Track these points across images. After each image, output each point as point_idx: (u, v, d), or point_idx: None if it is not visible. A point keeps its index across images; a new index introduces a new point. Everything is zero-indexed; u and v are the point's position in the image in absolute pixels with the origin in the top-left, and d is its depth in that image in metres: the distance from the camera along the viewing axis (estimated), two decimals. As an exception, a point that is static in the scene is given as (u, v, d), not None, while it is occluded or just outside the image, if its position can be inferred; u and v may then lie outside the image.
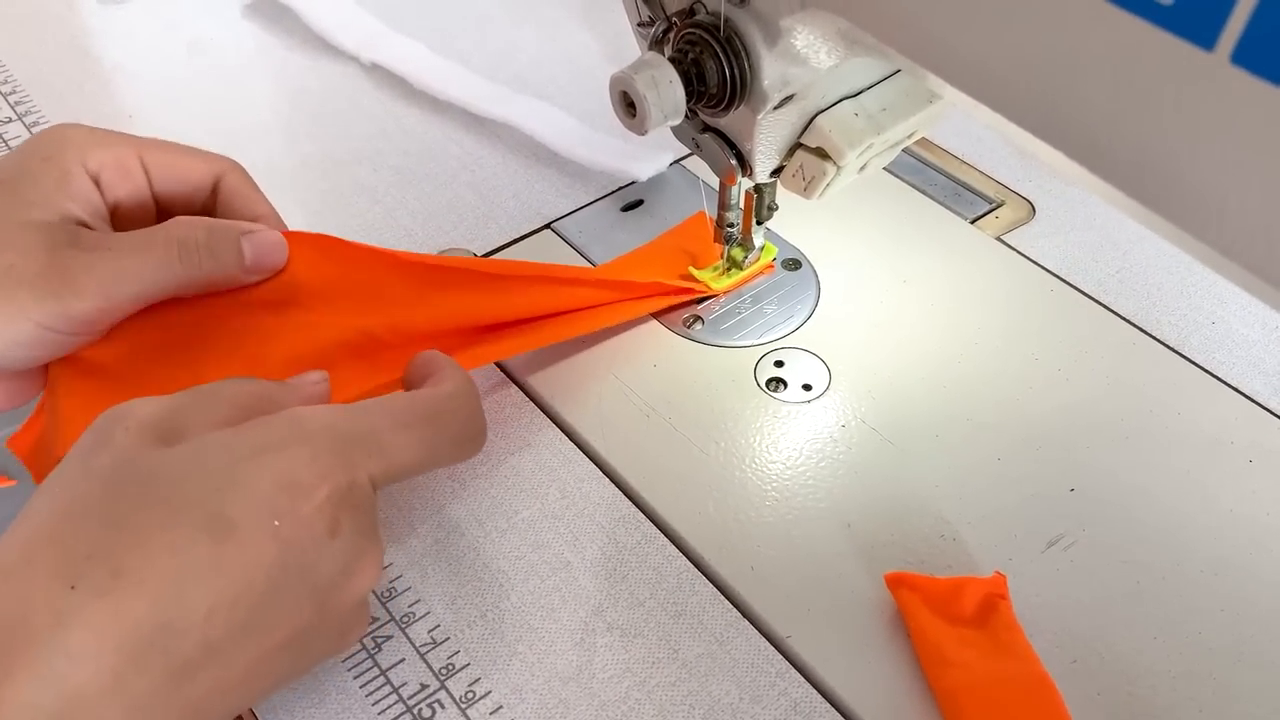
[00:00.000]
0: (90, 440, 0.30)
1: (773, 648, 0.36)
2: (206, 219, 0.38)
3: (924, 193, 0.53)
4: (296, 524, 0.29)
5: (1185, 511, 0.39)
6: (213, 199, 0.40)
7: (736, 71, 0.35)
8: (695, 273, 0.47)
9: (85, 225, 0.37)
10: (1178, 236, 0.25)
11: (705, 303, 0.47)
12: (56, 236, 0.35)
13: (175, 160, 0.40)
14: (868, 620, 0.36)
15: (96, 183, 0.38)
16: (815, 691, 0.34)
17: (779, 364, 0.44)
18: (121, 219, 0.39)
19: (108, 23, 0.64)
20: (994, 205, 0.52)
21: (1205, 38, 0.22)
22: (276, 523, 0.29)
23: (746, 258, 0.47)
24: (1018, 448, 0.41)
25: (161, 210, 0.40)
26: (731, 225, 0.45)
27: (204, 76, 0.60)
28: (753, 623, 0.36)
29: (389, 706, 0.34)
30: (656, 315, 0.46)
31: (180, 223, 0.37)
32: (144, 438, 0.30)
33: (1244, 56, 0.21)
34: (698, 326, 0.46)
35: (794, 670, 0.35)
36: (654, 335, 0.46)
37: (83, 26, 0.64)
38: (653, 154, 0.53)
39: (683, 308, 0.47)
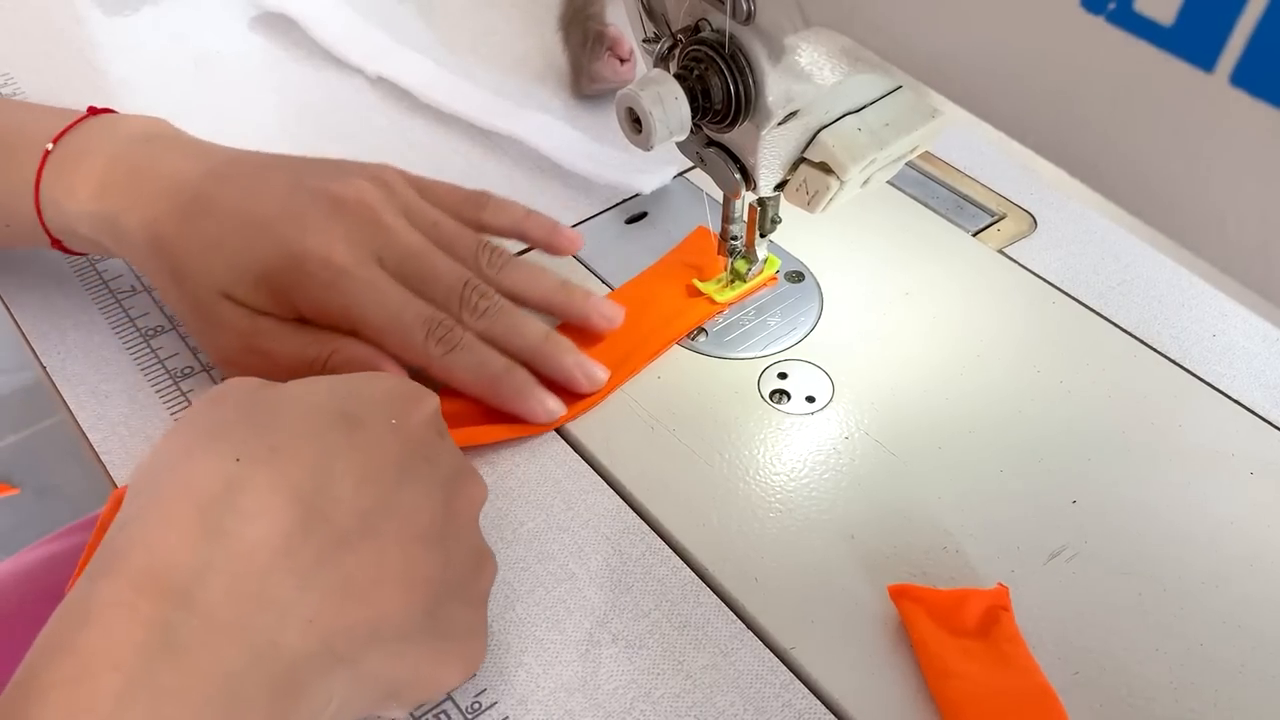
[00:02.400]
0: (208, 396, 0.33)
1: (777, 659, 0.36)
2: (356, 353, 0.41)
3: (926, 206, 0.53)
4: (410, 425, 0.32)
5: (1186, 523, 0.39)
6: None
7: (741, 88, 0.36)
8: (699, 284, 0.47)
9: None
10: (1178, 252, 0.25)
11: (712, 316, 0.47)
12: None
13: (377, 340, 0.42)
14: (871, 632, 0.36)
15: None
16: (819, 703, 0.35)
17: (782, 376, 0.45)
18: None
19: (115, 35, 0.65)
20: (996, 218, 0.53)
21: (1205, 59, 0.22)
22: (394, 421, 0.32)
23: (750, 270, 0.47)
24: (1020, 460, 0.42)
25: None
26: (735, 238, 0.46)
27: (210, 89, 0.61)
28: (757, 634, 0.36)
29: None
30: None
31: None
32: (259, 383, 0.33)
33: (1243, 77, 0.21)
34: (702, 338, 0.46)
35: (798, 682, 0.35)
36: (667, 354, 0.46)
37: (90, 39, 0.64)
38: (657, 167, 0.53)
39: (687, 320, 0.47)
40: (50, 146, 0.43)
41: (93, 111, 0.45)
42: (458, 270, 0.42)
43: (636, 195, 0.53)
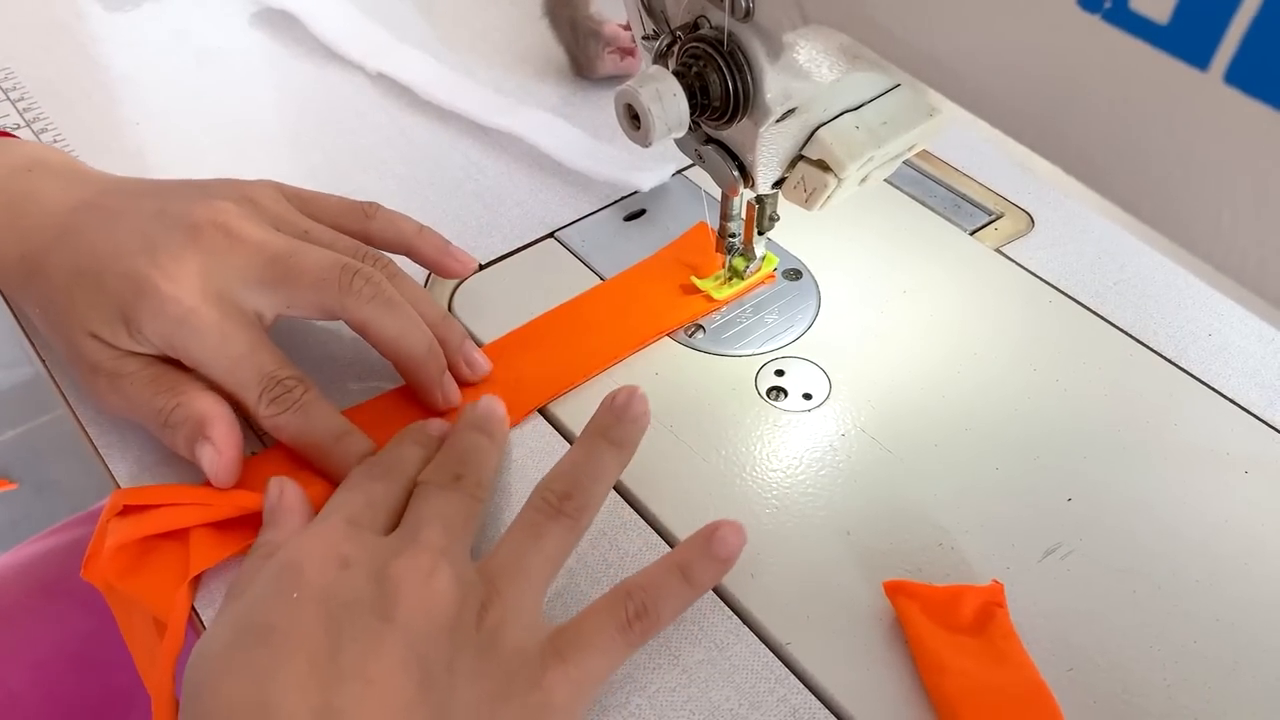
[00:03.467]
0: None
1: (772, 654, 0.36)
2: (195, 408, 0.38)
3: (924, 204, 0.53)
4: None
5: (1181, 522, 0.40)
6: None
7: (739, 85, 0.36)
8: (697, 282, 0.47)
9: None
10: (1173, 250, 0.25)
11: (709, 313, 0.47)
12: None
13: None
14: (866, 628, 0.36)
15: None
16: (814, 698, 0.35)
17: (779, 373, 0.45)
18: None
19: (116, 31, 0.65)
20: (993, 217, 0.53)
21: (1199, 57, 0.22)
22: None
23: (748, 268, 0.47)
24: (1016, 457, 0.42)
25: None
26: (733, 235, 0.46)
27: (211, 85, 0.61)
28: (753, 629, 0.37)
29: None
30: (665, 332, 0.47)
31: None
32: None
33: (1237, 76, 0.22)
34: (699, 335, 0.46)
35: (793, 677, 0.35)
36: (656, 345, 0.46)
37: (91, 34, 0.65)
38: (655, 164, 0.53)
39: (685, 317, 0.47)
40: None
41: None
42: (330, 256, 0.39)
43: (635, 192, 0.53)
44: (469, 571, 0.34)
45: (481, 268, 0.50)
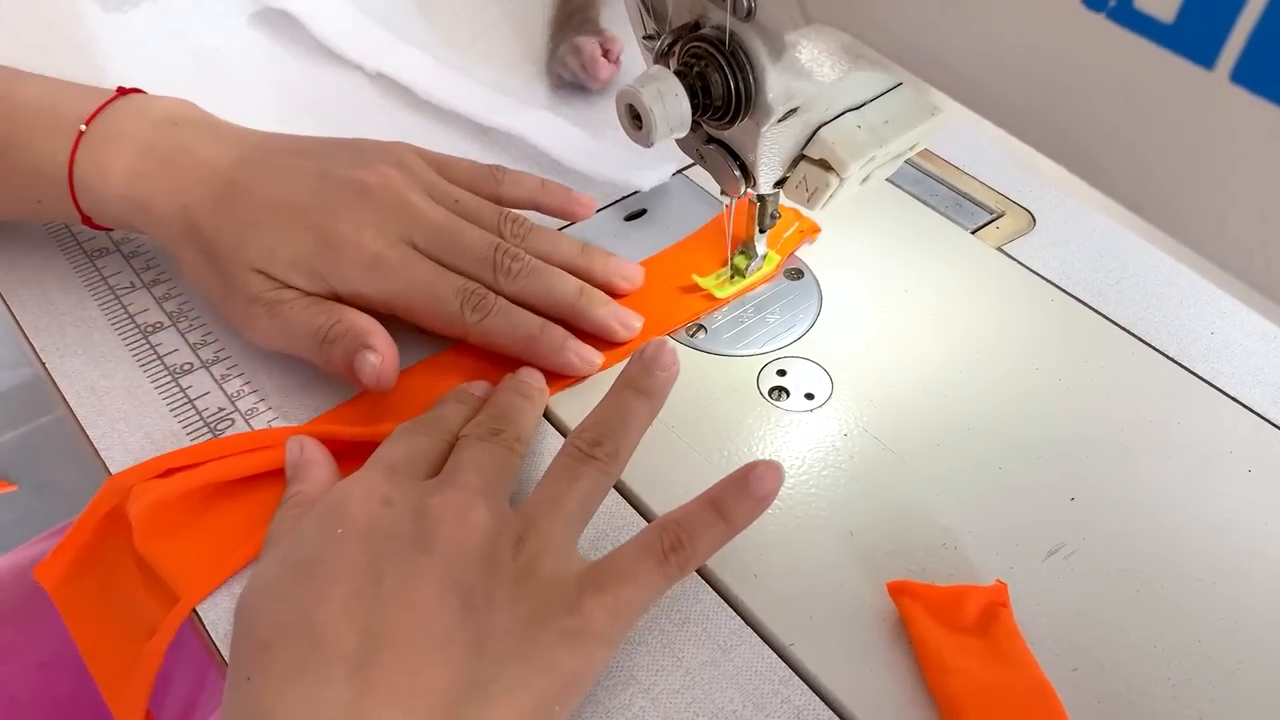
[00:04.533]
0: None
1: (776, 655, 0.36)
2: (355, 323, 0.42)
3: (925, 203, 0.53)
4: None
5: (1184, 520, 0.40)
6: None
7: (741, 85, 0.36)
8: (698, 280, 0.47)
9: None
10: (1177, 250, 0.25)
11: (708, 312, 0.47)
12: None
13: (420, 321, 0.44)
14: (870, 628, 0.36)
15: None
16: (818, 699, 0.35)
17: (781, 373, 0.45)
18: None
19: (114, 31, 0.65)
20: (995, 216, 0.53)
21: (1205, 56, 0.22)
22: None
23: (750, 266, 0.47)
24: (1018, 457, 0.42)
25: None
26: (742, 252, 0.46)
27: (210, 85, 0.61)
28: (756, 630, 0.36)
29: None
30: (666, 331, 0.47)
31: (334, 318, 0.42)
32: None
33: (1243, 75, 0.21)
34: (701, 335, 0.46)
35: (797, 678, 0.35)
36: (658, 344, 0.46)
37: (89, 35, 0.64)
38: (656, 164, 0.53)
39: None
40: (83, 128, 0.44)
41: (121, 92, 0.46)
42: (486, 238, 0.44)
43: (635, 192, 0.53)
44: (505, 506, 0.35)
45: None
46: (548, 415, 0.43)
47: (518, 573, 0.33)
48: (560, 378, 0.44)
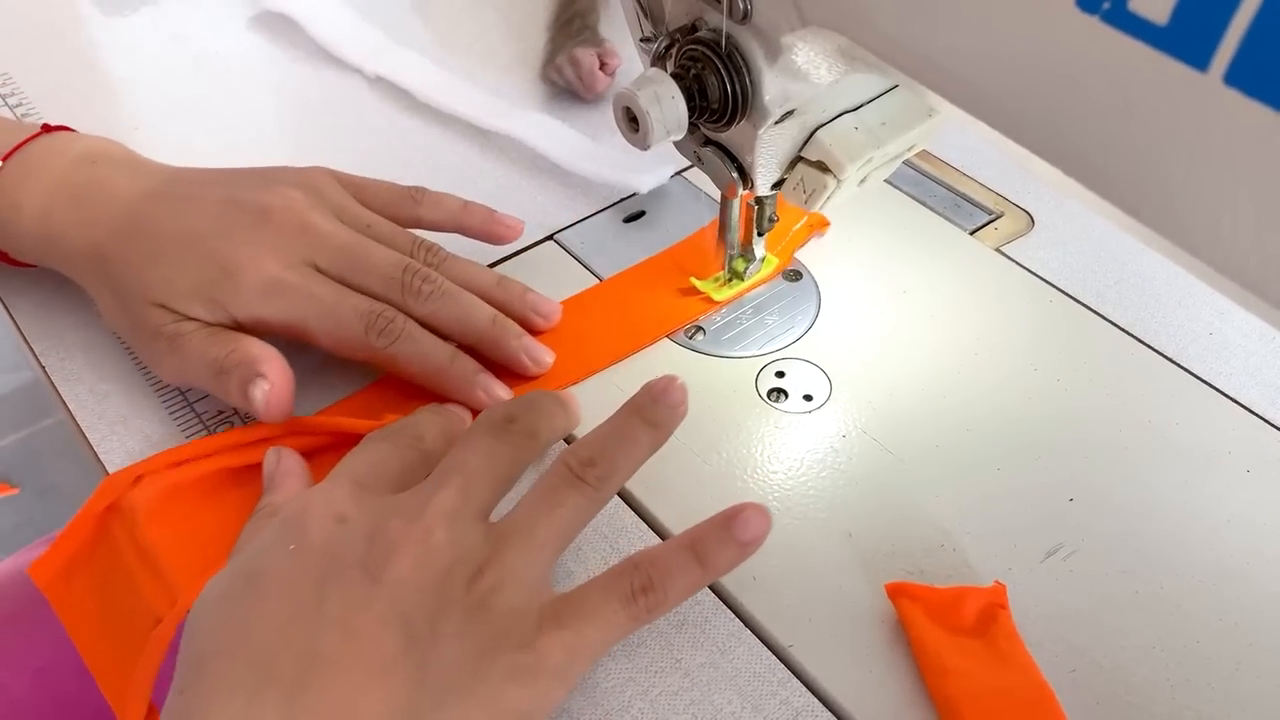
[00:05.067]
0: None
1: (774, 657, 0.36)
2: (249, 351, 0.40)
3: (923, 204, 0.53)
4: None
5: (1183, 521, 0.40)
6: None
7: (738, 87, 0.36)
8: (696, 283, 0.47)
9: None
10: (1174, 251, 0.25)
11: (707, 313, 0.47)
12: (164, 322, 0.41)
13: (322, 343, 0.42)
14: (868, 630, 0.36)
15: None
16: (817, 700, 0.35)
17: (780, 374, 0.45)
18: None
19: (114, 35, 0.65)
20: (993, 217, 0.53)
21: (1199, 59, 0.22)
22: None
23: (748, 269, 0.47)
24: (1017, 458, 0.42)
25: None
26: (732, 247, 0.46)
27: (209, 89, 0.61)
28: (755, 632, 0.37)
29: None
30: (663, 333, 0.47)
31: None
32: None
33: (1237, 77, 0.21)
34: (699, 337, 0.46)
35: (795, 679, 0.35)
36: (656, 346, 0.46)
37: (89, 39, 0.65)
38: (654, 166, 0.53)
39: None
40: (0, 164, 0.44)
41: (46, 129, 0.46)
42: (394, 256, 0.42)
43: (634, 194, 0.53)
44: (473, 535, 0.33)
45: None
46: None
47: (470, 605, 0.32)
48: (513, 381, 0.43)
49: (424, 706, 0.30)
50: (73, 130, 0.47)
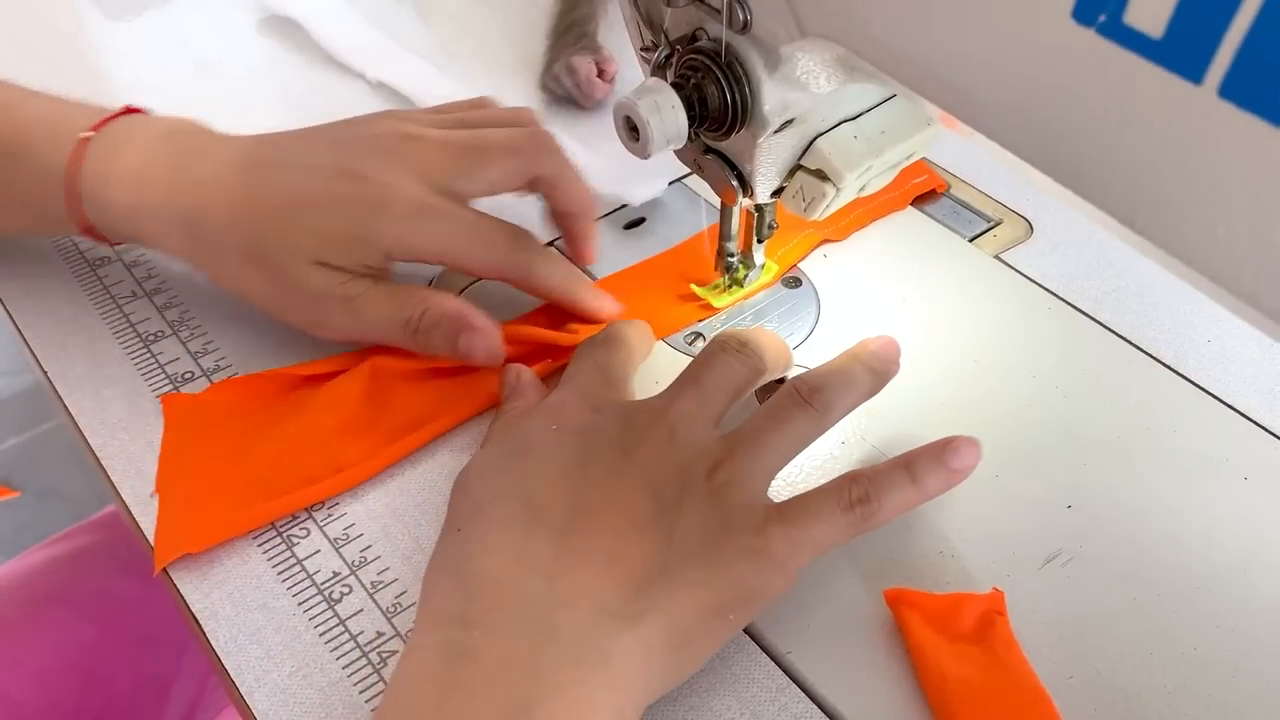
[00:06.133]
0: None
1: (773, 663, 0.36)
2: (446, 308, 0.43)
3: (922, 211, 0.53)
4: (568, 423, 0.38)
5: (1181, 528, 0.40)
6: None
7: (738, 96, 0.36)
8: (696, 289, 0.48)
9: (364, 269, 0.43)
10: (1169, 261, 0.25)
11: (707, 320, 0.48)
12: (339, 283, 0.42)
13: (466, 266, 0.45)
14: (867, 636, 0.36)
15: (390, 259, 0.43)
16: (815, 707, 0.35)
17: (780, 381, 0.45)
18: None
19: (116, 40, 0.65)
20: (992, 224, 0.53)
21: (1194, 71, 0.22)
22: (553, 426, 0.38)
23: (748, 276, 0.47)
24: (1015, 465, 0.42)
25: None
26: (731, 255, 0.46)
27: (211, 94, 0.61)
28: (753, 638, 0.37)
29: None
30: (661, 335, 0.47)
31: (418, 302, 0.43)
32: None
33: (1231, 90, 0.22)
34: (699, 344, 0.47)
35: (794, 686, 0.35)
36: (656, 352, 0.46)
37: (91, 45, 0.65)
38: (648, 179, 0.53)
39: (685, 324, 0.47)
40: (89, 133, 0.44)
41: (128, 110, 0.46)
42: (508, 130, 0.45)
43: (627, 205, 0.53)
44: (708, 434, 0.37)
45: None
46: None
47: (710, 491, 0.35)
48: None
49: (671, 564, 0.33)
50: (144, 112, 0.47)
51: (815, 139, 0.39)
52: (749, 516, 0.35)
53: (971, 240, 0.52)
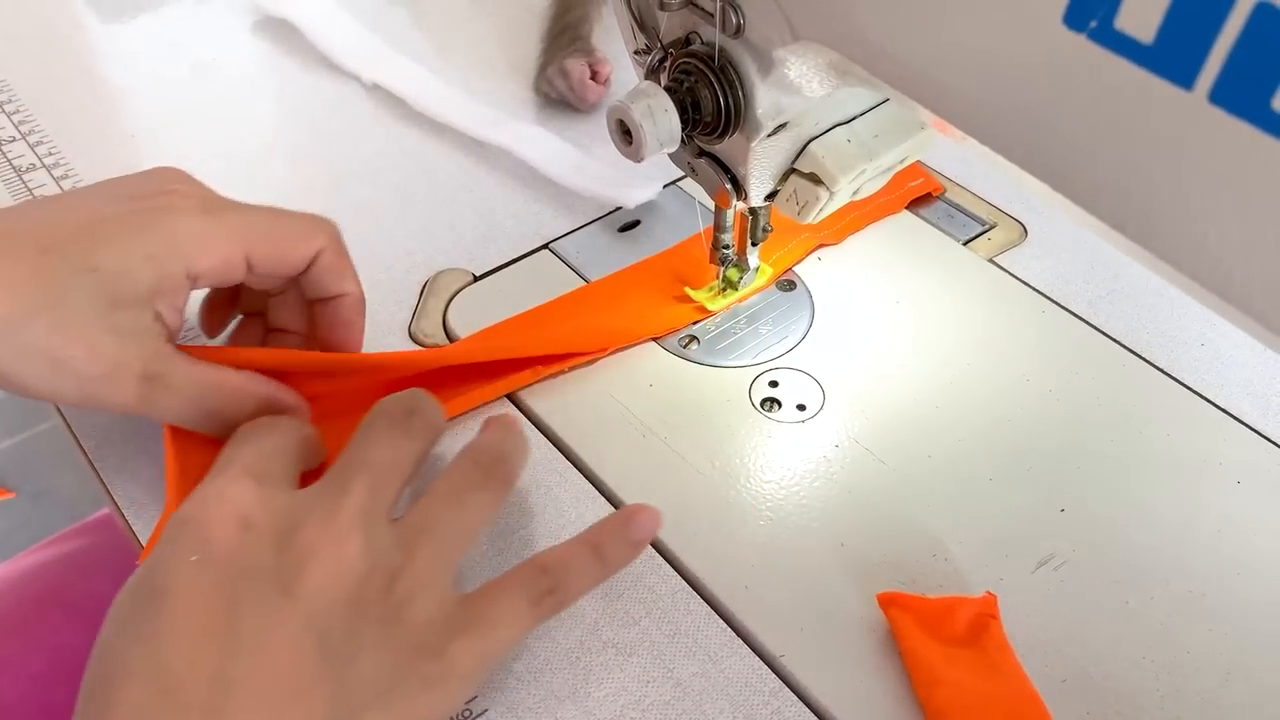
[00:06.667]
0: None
1: (766, 667, 0.36)
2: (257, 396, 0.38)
3: (916, 214, 0.53)
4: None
5: (1174, 532, 0.40)
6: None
7: (731, 100, 0.36)
8: (690, 293, 0.48)
9: (164, 321, 0.36)
10: (1160, 266, 0.25)
11: (701, 323, 0.48)
12: (145, 349, 0.35)
13: (279, 251, 0.38)
14: (860, 639, 0.36)
15: (195, 280, 0.37)
16: (808, 710, 0.35)
17: (773, 384, 0.45)
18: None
19: (113, 43, 0.65)
20: (986, 227, 0.53)
21: (1184, 77, 0.22)
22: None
23: (742, 279, 0.47)
24: (1009, 468, 0.42)
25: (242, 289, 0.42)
26: (727, 247, 0.46)
27: (207, 97, 0.61)
28: (746, 642, 0.37)
29: (387, 725, 0.34)
30: (653, 335, 0.47)
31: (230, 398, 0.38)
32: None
33: (1221, 96, 0.22)
34: (693, 347, 0.47)
35: (787, 689, 0.35)
36: (650, 355, 0.46)
37: (88, 47, 0.65)
38: (643, 182, 0.53)
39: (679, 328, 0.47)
40: None
41: None
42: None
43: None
44: (384, 535, 0.32)
45: (476, 279, 0.50)
46: (530, 417, 0.44)
47: (385, 617, 0.31)
48: (525, 370, 0.44)
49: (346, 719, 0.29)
50: None
51: (809, 142, 0.39)
52: (431, 637, 0.31)
53: (966, 244, 0.52)
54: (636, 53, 0.40)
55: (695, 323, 0.47)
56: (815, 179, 0.39)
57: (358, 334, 0.42)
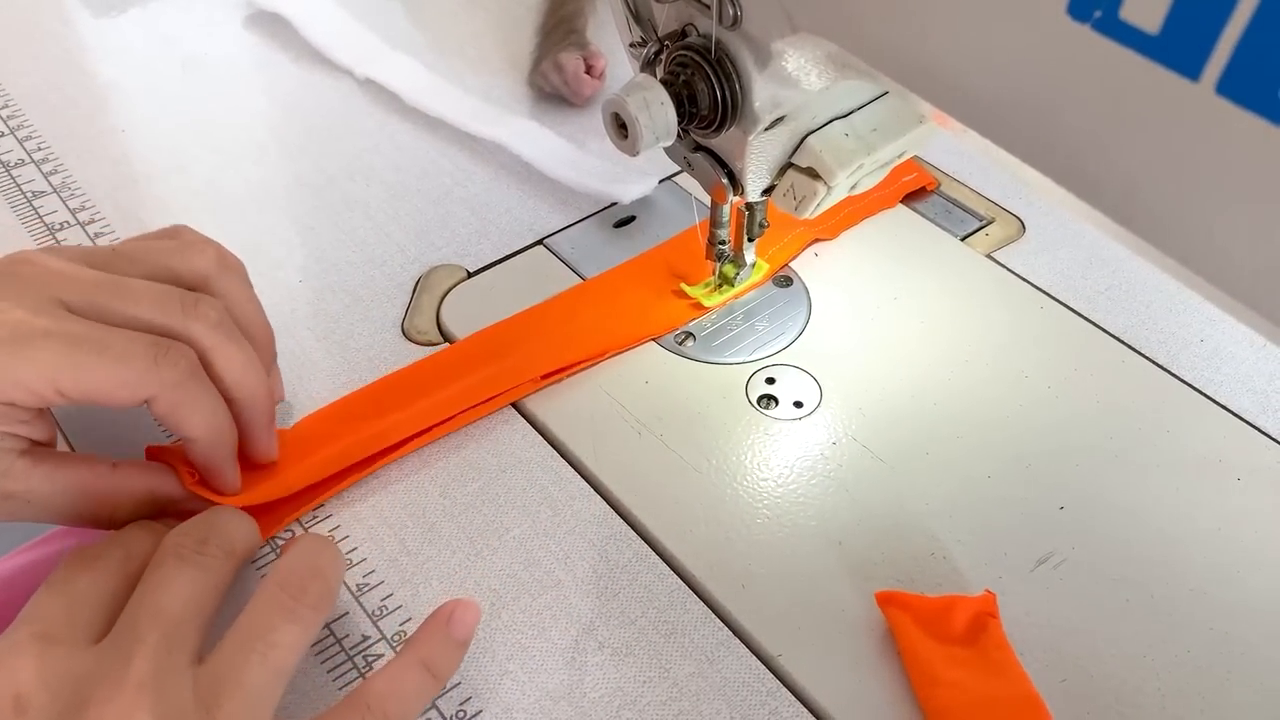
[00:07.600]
0: None
1: (763, 666, 0.36)
2: None
3: (915, 210, 0.53)
4: None
5: (1174, 529, 0.39)
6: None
7: (728, 93, 0.36)
8: (687, 289, 0.47)
9: (17, 436, 0.34)
10: (1165, 261, 0.25)
11: (697, 319, 0.47)
12: None
13: (90, 394, 0.33)
14: (858, 639, 0.36)
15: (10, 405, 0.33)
16: (806, 710, 0.34)
17: (770, 381, 0.45)
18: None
19: (103, 38, 0.64)
20: (984, 222, 0.53)
21: (1191, 68, 0.22)
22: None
23: (738, 275, 0.47)
24: (1008, 466, 0.41)
25: None
26: (723, 243, 0.46)
27: (198, 92, 0.60)
28: (743, 641, 0.36)
29: (380, 726, 0.34)
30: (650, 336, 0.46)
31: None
32: None
33: (1229, 87, 0.21)
34: (690, 343, 0.46)
35: (784, 689, 0.35)
36: (646, 352, 0.46)
37: (78, 42, 0.64)
38: (638, 177, 0.53)
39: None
40: None
41: None
42: (159, 286, 0.35)
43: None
44: (181, 696, 0.29)
45: (470, 275, 0.49)
46: (525, 415, 0.43)
47: None
48: (524, 381, 0.43)
49: None
50: None
51: (806, 136, 0.38)
52: None
53: (963, 239, 0.52)
54: (632, 45, 0.39)
55: (692, 319, 0.47)
56: (813, 174, 0.38)
57: (258, 446, 0.39)
